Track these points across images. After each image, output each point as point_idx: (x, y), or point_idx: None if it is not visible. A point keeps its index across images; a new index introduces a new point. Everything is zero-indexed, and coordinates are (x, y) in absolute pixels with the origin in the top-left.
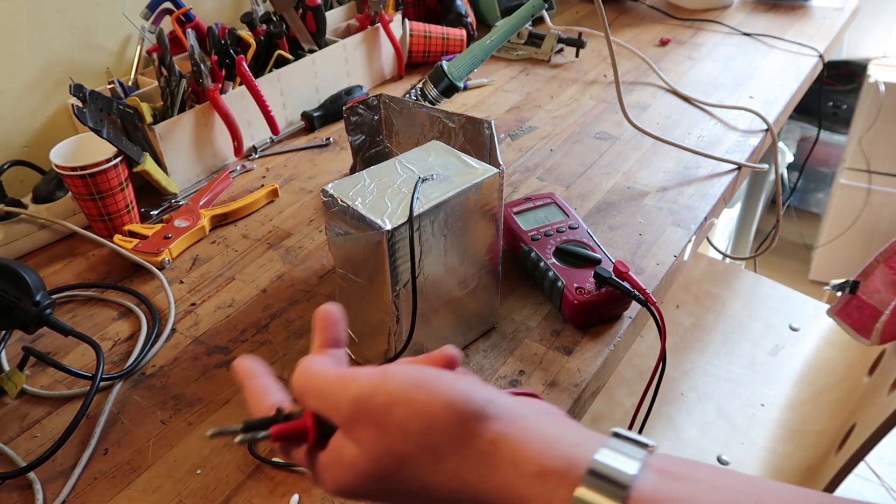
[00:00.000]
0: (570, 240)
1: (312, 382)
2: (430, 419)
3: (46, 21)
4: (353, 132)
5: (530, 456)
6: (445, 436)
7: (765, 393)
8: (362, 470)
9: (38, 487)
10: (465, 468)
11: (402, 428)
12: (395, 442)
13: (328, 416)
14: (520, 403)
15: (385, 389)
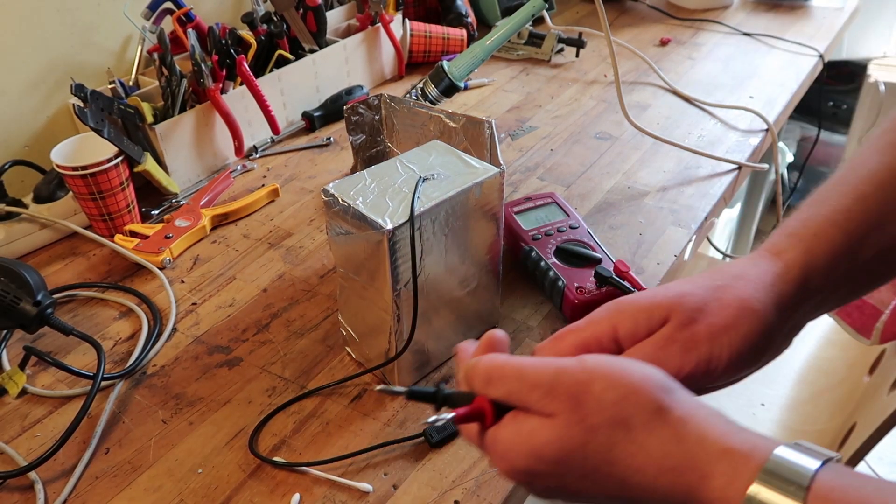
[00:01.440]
0: (571, 239)
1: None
2: (627, 389)
3: (47, 21)
4: (354, 132)
5: (716, 436)
6: (639, 407)
7: (765, 393)
8: (547, 441)
9: (39, 487)
10: (652, 442)
11: (599, 398)
12: (589, 412)
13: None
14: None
15: (584, 367)
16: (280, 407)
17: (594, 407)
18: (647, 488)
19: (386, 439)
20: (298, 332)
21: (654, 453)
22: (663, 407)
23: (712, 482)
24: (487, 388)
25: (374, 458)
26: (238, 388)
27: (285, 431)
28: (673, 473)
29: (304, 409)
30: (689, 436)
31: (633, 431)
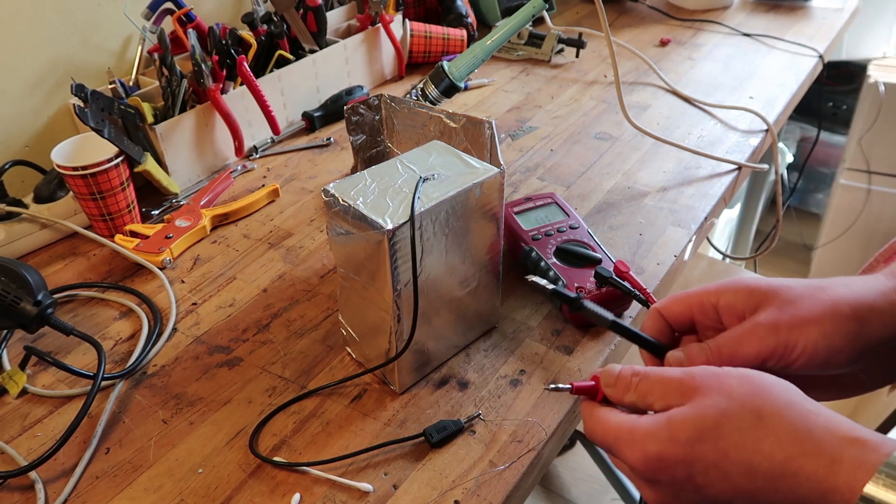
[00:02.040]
0: (571, 239)
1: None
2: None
3: (48, 21)
4: (354, 132)
5: (844, 426)
6: (770, 399)
7: None
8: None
9: (39, 487)
10: (782, 429)
11: (732, 389)
12: (723, 398)
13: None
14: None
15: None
16: (280, 407)
17: (728, 394)
18: (774, 476)
19: (386, 439)
20: (299, 332)
21: (784, 439)
22: (793, 401)
23: (842, 466)
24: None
25: (375, 457)
26: (238, 388)
27: (285, 431)
28: (802, 458)
29: (304, 409)
30: (817, 425)
31: (763, 420)
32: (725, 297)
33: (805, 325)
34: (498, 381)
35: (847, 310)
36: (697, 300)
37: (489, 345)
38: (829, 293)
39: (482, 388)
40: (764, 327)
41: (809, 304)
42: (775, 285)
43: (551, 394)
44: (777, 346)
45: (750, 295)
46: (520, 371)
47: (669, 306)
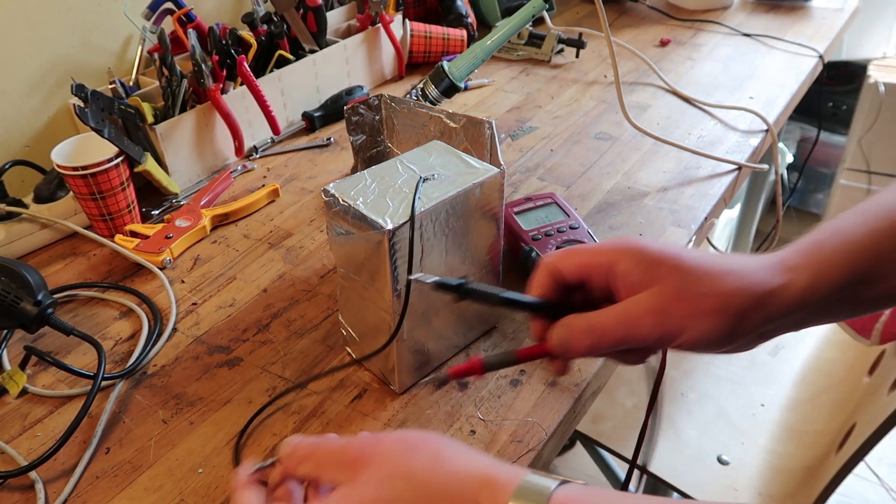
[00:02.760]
0: (571, 240)
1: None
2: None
3: (48, 21)
4: (354, 132)
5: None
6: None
7: (765, 393)
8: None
9: (39, 486)
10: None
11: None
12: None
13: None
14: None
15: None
16: (260, 410)
17: (382, 461)
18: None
19: None
20: (299, 332)
21: (436, 489)
22: (439, 451)
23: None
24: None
25: None
26: (238, 388)
27: (285, 432)
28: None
29: (304, 410)
30: (457, 473)
31: (415, 477)
32: (623, 264)
33: (694, 317)
34: (498, 381)
35: (737, 304)
36: (595, 261)
37: (489, 345)
38: (725, 284)
39: (482, 388)
40: (654, 315)
41: (704, 293)
42: (675, 262)
43: (553, 390)
44: (663, 334)
45: (648, 268)
46: (520, 371)
47: (562, 263)
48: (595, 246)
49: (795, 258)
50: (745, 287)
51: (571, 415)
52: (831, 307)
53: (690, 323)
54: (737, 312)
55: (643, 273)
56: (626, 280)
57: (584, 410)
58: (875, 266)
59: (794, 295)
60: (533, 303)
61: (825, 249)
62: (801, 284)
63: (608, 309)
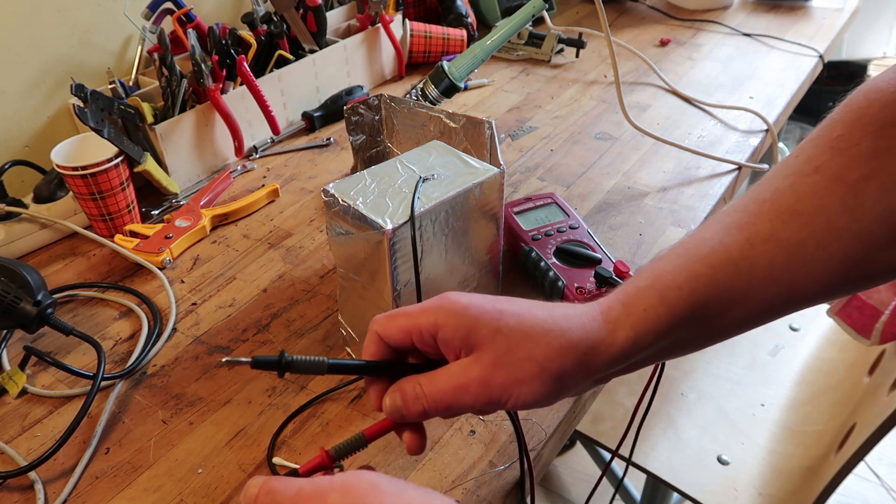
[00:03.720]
0: (571, 240)
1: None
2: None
3: (47, 21)
4: (354, 132)
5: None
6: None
7: (765, 393)
8: None
9: (39, 487)
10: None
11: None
12: None
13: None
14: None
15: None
16: (294, 413)
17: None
18: None
19: (386, 439)
20: (298, 333)
21: None
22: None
23: None
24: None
25: (374, 458)
26: (238, 388)
27: (285, 432)
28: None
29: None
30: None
31: None
32: (444, 331)
33: (517, 384)
34: None
35: (555, 368)
36: (416, 328)
37: None
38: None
39: None
40: (477, 385)
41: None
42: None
43: None
44: (489, 401)
45: (469, 334)
46: None
47: (387, 330)
48: (416, 308)
49: (617, 310)
50: (564, 347)
51: (571, 415)
52: (665, 351)
53: (514, 389)
54: (556, 375)
55: (463, 339)
56: (448, 345)
57: (584, 410)
58: (698, 310)
59: (617, 349)
60: (362, 366)
61: (645, 299)
62: (621, 339)
63: (436, 374)
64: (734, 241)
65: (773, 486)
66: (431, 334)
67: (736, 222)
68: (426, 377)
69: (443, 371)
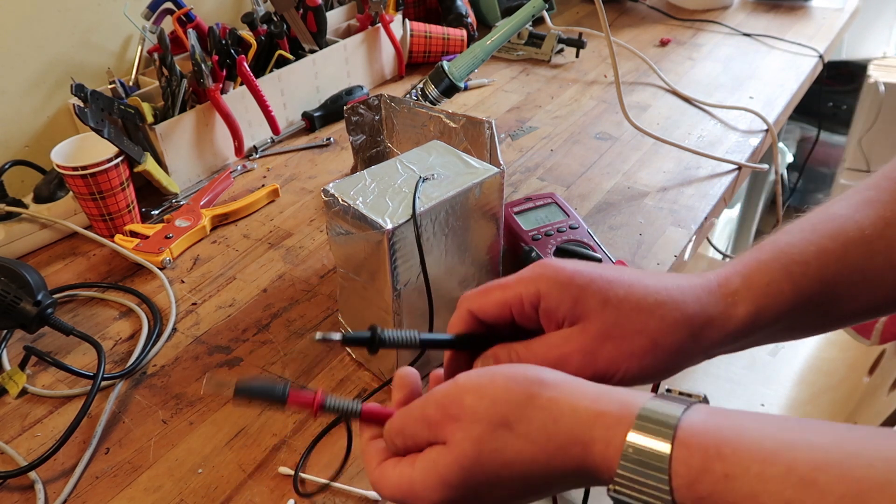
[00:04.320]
0: (571, 240)
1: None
2: (494, 394)
3: (47, 21)
4: (354, 132)
5: (587, 404)
6: (510, 405)
7: (765, 393)
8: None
9: (39, 487)
10: (533, 431)
11: (473, 410)
12: (470, 426)
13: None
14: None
15: (455, 386)
16: None
17: (472, 420)
18: (547, 476)
19: None
20: (298, 332)
21: (538, 440)
22: (533, 394)
23: (594, 447)
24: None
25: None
26: None
27: (285, 432)
28: (562, 452)
29: (303, 409)
30: (563, 413)
31: (514, 428)
32: (546, 301)
33: (625, 359)
34: None
35: (669, 343)
36: (516, 299)
37: None
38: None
39: None
40: (581, 356)
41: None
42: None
43: None
44: (593, 375)
45: (575, 303)
46: None
47: (483, 306)
48: (512, 279)
49: (736, 282)
50: (678, 321)
51: None
52: (780, 333)
53: (623, 363)
54: (669, 351)
55: (569, 309)
56: (551, 316)
57: None
58: (825, 290)
59: (734, 326)
60: (454, 340)
61: (768, 273)
62: (741, 314)
63: (534, 342)
64: (867, 218)
65: None
66: (533, 305)
67: (867, 199)
68: (522, 345)
69: (542, 339)
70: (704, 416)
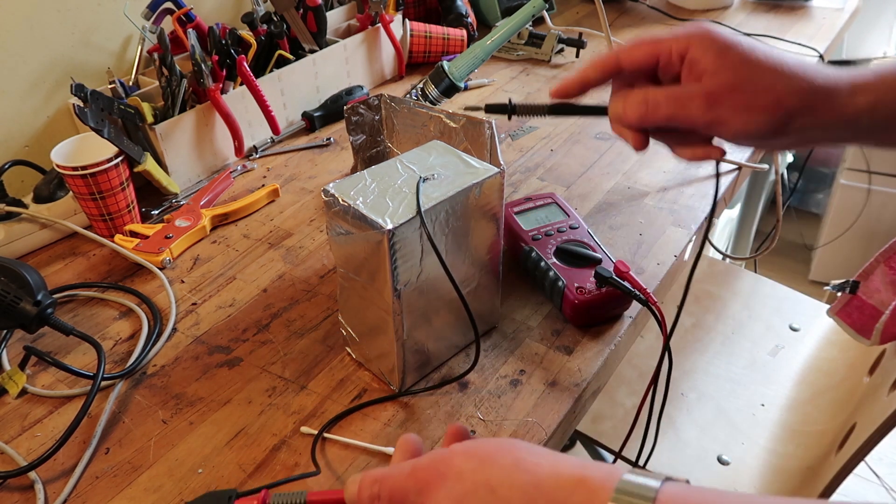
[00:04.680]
0: (571, 240)
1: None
2: (482, 456)
3: (47, 21)
4: (354, 132)
5: (570, 469)
6: (496, 468)
7: (765, 393)
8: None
9: (39, 487)
10: (515, 493)
11: (459, 471)
12: (454, 485)
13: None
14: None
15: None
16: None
17: (456, 478)
18: None
19: (387, 439)
20: (298, 332)
21: (521, 500)
22: (519, 458)
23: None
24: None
25: (374, 458)
26: (238, 388)
27: (285, 431)
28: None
29: (304, 409)
30: (546, 477)
31: (496, 491)
32: (694, 50)
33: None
34: (498, 380)
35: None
36: (666, 47)
37: (489, 345)
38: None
39: (482, 388)
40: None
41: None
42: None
43: (553, 390)
44: (711, 120)
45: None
46: (520, 371)
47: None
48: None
49: (868, 76)
50: (804, 90)
51: (571, 415)
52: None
53: (739, 114)
54: (788, 112)
55: (712, 60)
56: (694, 66)
57: (584, 410)
58: None
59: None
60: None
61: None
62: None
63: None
64: None
65: (773, 486)
66: (681, 53)
67: None
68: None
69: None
70: (681, 490)
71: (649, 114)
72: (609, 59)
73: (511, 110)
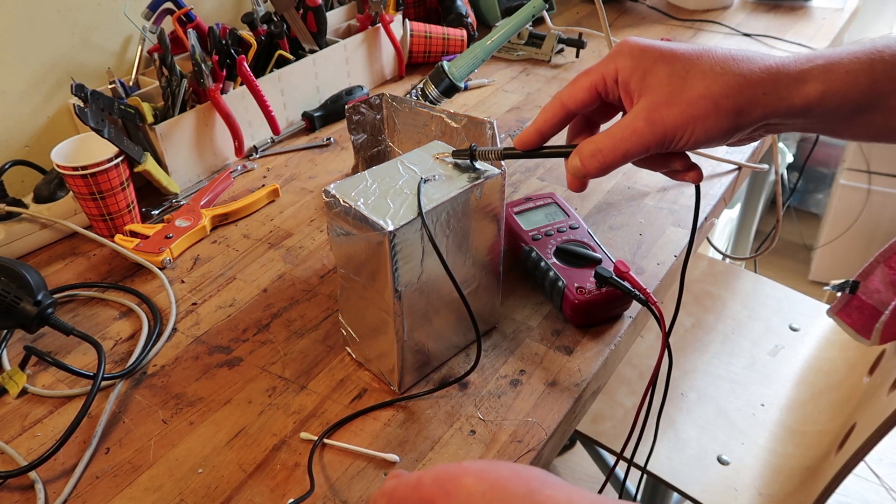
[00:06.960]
0: (571, 240)
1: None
2: (494, 481)
3: (47, 21)
4: (355, 131)
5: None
6: (507, 494)
7: (765, 393)
8: None
9: (39, 487)
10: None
11: (468, 492)
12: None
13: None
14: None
15: (459, 466)
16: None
17: (464, 500)
18: None
19: (387, 439)
20: (299, 333)
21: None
22: (533, 490)
23: None
24: None
25: (374, 458)
26: (238, 388)
27: (285, 431)
28: None
29: (304, 409)
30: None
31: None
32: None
33: (690, 123)
34: (498, 381)
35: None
36: (600, 79)
37: (489, 345)
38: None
39: (482, 388)
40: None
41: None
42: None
43: (553, 390)
44: (662, 140)
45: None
46: (520, 371)
47: (573, 94)
48: (595, 64)
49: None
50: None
51: (571, 415)
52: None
53: (688, 126)
54: (733, 111)
55: (639, 81)
56: (626, 89)
57: (584, 410)
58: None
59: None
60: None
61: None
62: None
63: (611, 128)
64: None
65: (774, 486)
66: (614, 80)
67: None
68: (601, 134)
69: (616, 123)
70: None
71: (607, 161)
72: (555, 107)
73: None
